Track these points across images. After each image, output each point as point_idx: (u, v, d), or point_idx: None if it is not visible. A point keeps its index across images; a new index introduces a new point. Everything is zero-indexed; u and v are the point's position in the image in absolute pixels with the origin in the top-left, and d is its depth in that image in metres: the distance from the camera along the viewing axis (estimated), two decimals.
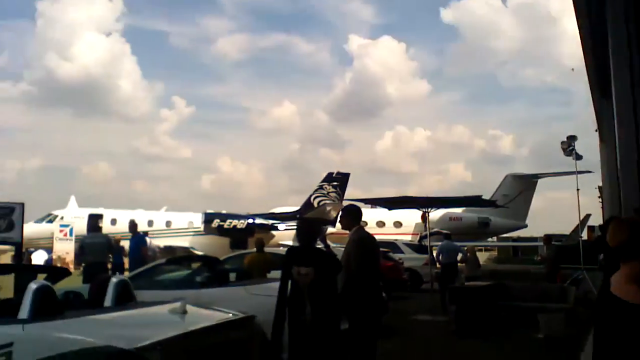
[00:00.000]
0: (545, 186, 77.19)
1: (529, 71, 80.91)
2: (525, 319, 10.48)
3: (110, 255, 12.81)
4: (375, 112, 79.22)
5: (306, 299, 5.74)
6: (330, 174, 33.03)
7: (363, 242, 6.50)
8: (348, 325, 6.23)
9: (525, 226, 34.09)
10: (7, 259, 20.21)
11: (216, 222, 28.06)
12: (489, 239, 36.25)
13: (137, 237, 13.88)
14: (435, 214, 30.41)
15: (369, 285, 6.39)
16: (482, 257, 40.02)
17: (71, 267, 21.36)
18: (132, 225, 13.99)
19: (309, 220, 6.74)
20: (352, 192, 40.42)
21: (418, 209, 16.02)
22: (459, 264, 15.12)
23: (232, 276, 9.19)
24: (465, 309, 10.64)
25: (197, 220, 28.97)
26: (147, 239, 14.75)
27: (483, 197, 15.01)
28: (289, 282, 5.87)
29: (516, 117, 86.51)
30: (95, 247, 12.13)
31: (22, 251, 13.14)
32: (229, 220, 28.09)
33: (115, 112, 71.59)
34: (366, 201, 18.60)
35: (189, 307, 4.77)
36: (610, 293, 2.74)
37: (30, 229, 26.20)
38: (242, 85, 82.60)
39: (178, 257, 12.25)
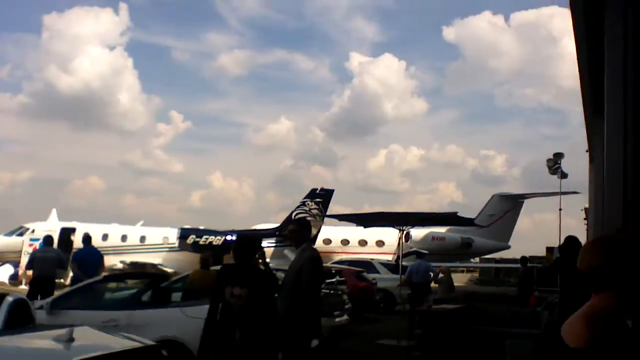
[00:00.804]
0: (534, 207, 76.85)
1: (526, 91, 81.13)
2: (494, 345, 9.95)
3: (61, 270, 12.20)
4: (371, 130, 79.28)
5: (236, 324, 5.22)
6: (313, 190, 32.45)
7: (319, 260, 6.06)
8: (282, 355, 5.72)
9: (508, 247, 33.63)
10: None
11: (192, 238, 27.27)
12: (472, 260, 35.80)
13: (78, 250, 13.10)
14: (418, 234, 30.13)
15: (316, 309, 5.91)
16: (464, 278, 39.78)
17: None
18: (84, 238, 13.22)
19: (246, 236, 6.23)
20: (341, 209, 40.02)
21: (393, 226, 15.51)
22: (433, 285, 14.61)
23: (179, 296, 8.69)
24: (431, 334, 10.11)
25: (173, 236, 28.23)
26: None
27: (459, 213, 14.55)
28: (220, 304, 5.37)
29: (510, 137, 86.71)
30: (45, 262, 11.59)
31: None
32: (205, 237, 27.30)
33: (112, 126, 71.30)
34: (339, 217, 18.08)
35: (85, 333, 4.21)
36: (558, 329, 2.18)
37: None
38: (240, 101, 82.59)
39: (116, 274, 11.66)
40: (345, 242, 31.88)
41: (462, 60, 78.08)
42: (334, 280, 11.88)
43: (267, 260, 6.81)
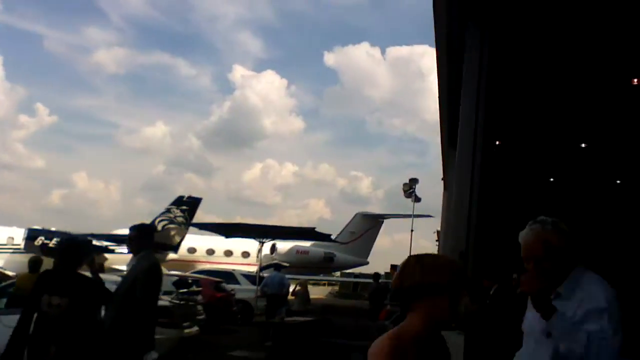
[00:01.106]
0: (393, 227, 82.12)
1: (394, 120, 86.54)
2: (343, 358, 10.13)
3: None
4: (248, 143, 79.62)
5: (52, 336, 4.72)
6: (180, 198, 31.41)
7: (157, 269, 5.64)
8: None
9: (367, 263, 35.18)
10: None
11: (40, 240, 25.19)
12: (334, 274, 36.91)
13: None
14: (284, 247, 30.44)
15: (150, 321, 5.52)
16: (325, 291, 40.70)
17: None
18: None
19: (72, 240, 5.69)
20: (213, 219, 39.23)
21: (253, 238, 15.43)
22: (290, 297, 14.68)
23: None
24: (282, 346, 10.08)
25: (19, 237, 25.90)
26: None
27: (317, 229, 14.87)
28: (36, 315, 4.83)
29: (377, 162, 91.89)
30: None
31: None
32: (55, 239, 25.34)
33: None
34: (201, 226, 17.67)
35: None
36: None
37: None
38: (115, 100, 78.17)
39: None
40: (210, 252, 31.28)
41: (339, 85, 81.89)
42: (186, 289, 11.49)
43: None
